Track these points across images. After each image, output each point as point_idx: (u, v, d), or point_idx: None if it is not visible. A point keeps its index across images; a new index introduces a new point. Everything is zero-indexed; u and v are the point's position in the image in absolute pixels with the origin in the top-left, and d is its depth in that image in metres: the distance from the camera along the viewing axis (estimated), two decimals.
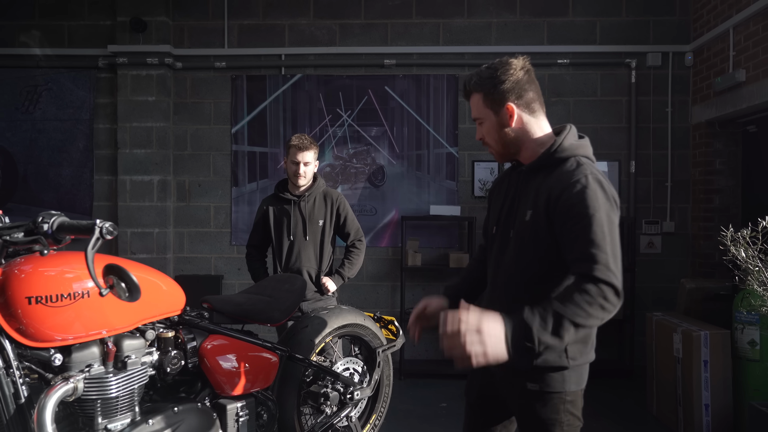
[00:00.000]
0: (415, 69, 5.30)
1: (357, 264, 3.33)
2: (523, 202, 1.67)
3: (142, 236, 5.23)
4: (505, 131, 1.68)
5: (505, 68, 1.67)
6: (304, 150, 3.15)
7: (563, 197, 1.54)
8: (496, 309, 1.52)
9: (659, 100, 5.14)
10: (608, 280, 1.45)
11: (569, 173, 1.57)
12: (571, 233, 1.51)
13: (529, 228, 1.62)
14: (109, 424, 1.71)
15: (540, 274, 1.61)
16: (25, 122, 5.39)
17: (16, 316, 1.55)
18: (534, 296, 1.51)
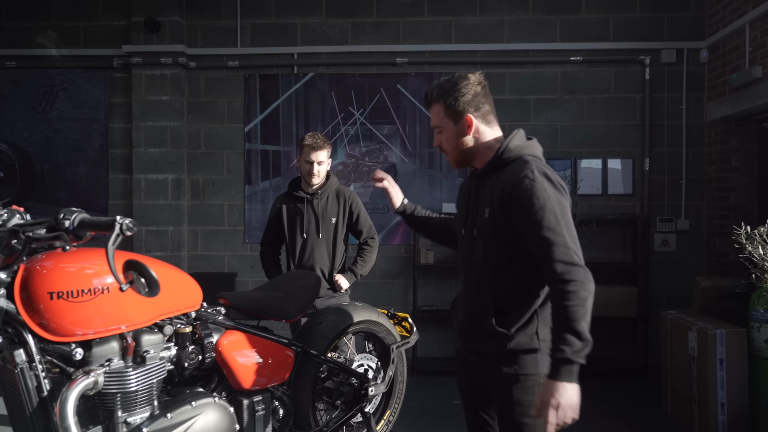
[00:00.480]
0: (427, 67, 5.30)
1: (370, 261, 3.34)
2: (481, 201, 1.82)
3: (156, 234, 5.28)
4: (463, 140, 1.83)
5: (465, 82, 1.82)
6: (318, 149, 3.16)
7: (515, 192, 1.70)
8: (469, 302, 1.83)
9: (674, 97, 5.10)
10: (570, 260, 1.62)
11: (517, 170, 1.73)
12: (527, 224, 1.68)
13: (489, 224, 1.77)
14: (129, 417, 1.74)
15: (505, 262, 1.77)
16: (42, 122, 5.46)
17: (39, 311, 1.58)
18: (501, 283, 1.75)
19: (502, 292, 1.76)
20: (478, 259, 1.81)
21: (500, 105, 5.14)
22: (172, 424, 1.80)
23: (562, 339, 1.59)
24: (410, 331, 2.77)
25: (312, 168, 3.17)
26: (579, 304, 1.59)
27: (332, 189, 3.31)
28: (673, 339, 3.96)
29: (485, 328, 1.77)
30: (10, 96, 5.47)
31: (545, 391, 1.61)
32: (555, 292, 1.64)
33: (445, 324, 5.25)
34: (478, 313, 1.80)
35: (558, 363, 1.59)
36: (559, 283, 1.62)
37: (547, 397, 1.59)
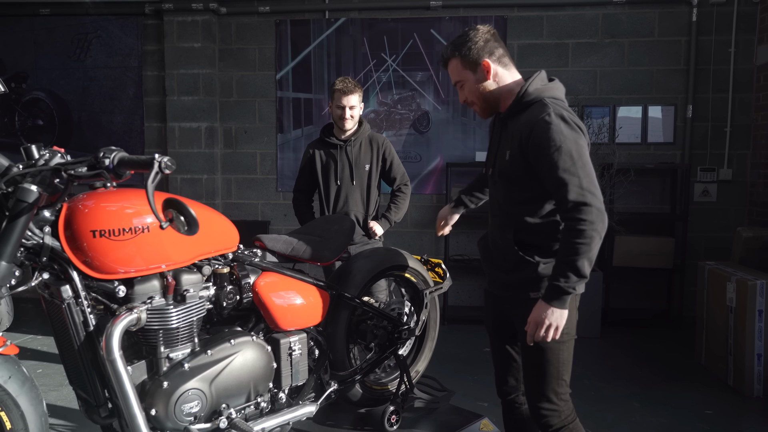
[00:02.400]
0: (462, 11, 5.14)
1: (403, 208, 3.34)
2: (503, 144, 1.91)
3: (191, 182, 5.35)
4: (485, 86, 1.90)
5: (474, 32, 1.90)
6: (349, 94, 3.12)
7: (532, 135, 1.76)
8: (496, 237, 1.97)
9: (722, 40, 4.86)
10: (584, 201, 1.70)
11: (535, 114, 1.79)
12: (545, 165, 1.75)
13: (509, 166, 1.87)
14: (171, 353, 1.79)
15: (525, 201, 1.87)
16: (78, 70, 5.51)
17: (82, 249, 1.62)
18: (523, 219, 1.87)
19: (525, 228, 1.88)
20: (500, 199, 1.95)
21: (537, 50, 5.03)
22: (212, 360, 1.85)
23: (561, 271, 1.73)
24: (443, 277, 2.77)
25: (344, 113, 3.14)
26: (585, 242, 1.69)
27: (365, 135, 3.27)
28: (711, 290, 3.90)
29: (512, 259, 1.90)
30: (45, 44, 5.52)
31: (537, 309, 1.78)
32: (565, 228, 1.75)
33: (476, 273, 5.26)
34: (505, 246, 1.92)
35: (552, 289, 1.75)
36: (569, 221, 1.72)
37: (537, 315, 1.77)
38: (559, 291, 1.73)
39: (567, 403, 1.93)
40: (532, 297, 1.84)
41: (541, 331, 1.77)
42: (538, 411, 1.92)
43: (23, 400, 1.58)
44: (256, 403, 1.99)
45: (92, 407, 1.74)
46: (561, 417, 1.91)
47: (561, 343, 1.87)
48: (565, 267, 1.72)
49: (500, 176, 1.91)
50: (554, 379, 1.89)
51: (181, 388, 1.76)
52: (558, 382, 1.90)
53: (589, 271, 1.73)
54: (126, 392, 1.63)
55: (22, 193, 1.50)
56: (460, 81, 1.94)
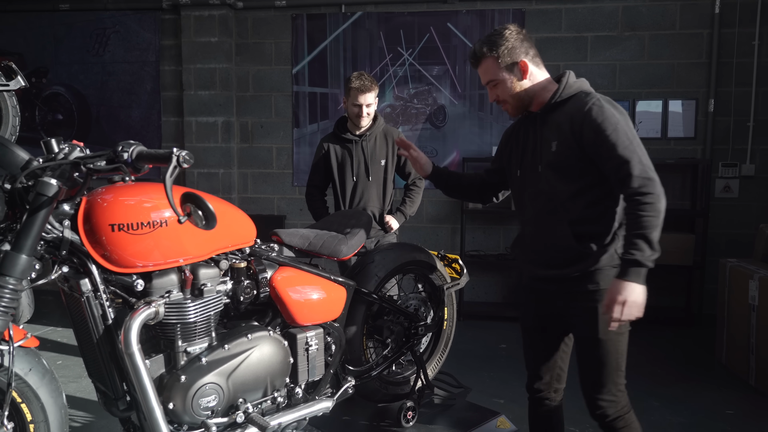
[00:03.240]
0: (479, 4, 5.09)
1: (417, 202, 3.33)
2: (546, 137, 1.91)
3: (208, 177, 5.38)
4: (521, 85, 1.91)
5: (509, 32, 1.91)
6: (366, 92, 3.06)
7: (586, 121, 1.80)
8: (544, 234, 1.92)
9: (745, 32, 4.76)
10: (648, 175, 1.74)
11: (582, 101, 1.84)
12: (603, 147, 1.78)
13: (557, 155, 1.87)
14: (189, 347, 1.80)
15: (578, 190, 1.86)
16: (96, 65, 5.55)
17: (101, 243, 1.62)
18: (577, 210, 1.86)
19: (580, 219, 1.87)
20: (549, 192, 1.90)
21: (555, 43, 4.97)
22: (229, 355, 1.86)
23: (634, 244, 1.72)
24: (460, 273, 2.75)
25: (360, 111, 3.09)
26: (654, 214, 1.71)
27: (379, 130, 3.23)
28: (732, 287, 3.83)
29: (568, 253, 1.88)
30: (65, 38, 5.57)
31: (614, 288, 1.75)
32: (632, 204, 1.75)
33: (492, 269, 5.23)
34: (558, 241, 1.89)
35: (628, 264, 1.73)
36: (636, 195, 1.73)
37: (616, 294, 1.73)
38: (637, 265, 1.72)
39: (624, 394, 1.94)
40: (591, 289, 1.86)
41: (624, 310, 1.73)
42: (595, 402, 1.92)
43: (43, 392, 1.59)
44: (272, 397, 1.99)
45: (111, 400, 1.75)
46: (618, 407, 1.92)
47: (620, 335, 1.87)
48: (639, 241, 1.72)
49: (549, 168, 1.89)
50: (614, 371, 1.90)
51: (198, 383, 1.77)
52: (617, 373, 1.91)
53: (658, 245, 1.73)
54: (144, 386, 1.64)
55: (42, 186, 1.51)
56: (493, 80, 1.93)
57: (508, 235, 5.25)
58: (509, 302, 5.29)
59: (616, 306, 1.73)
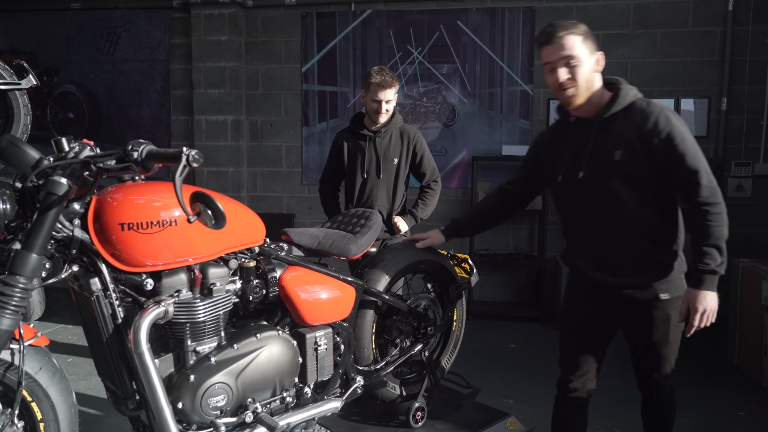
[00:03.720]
0: (490, 2, 5.06)
1: (431, 205, 3.22)
2: (605, 146, 1.91)
3: (217, 175, 5.39)
4: (593, 74, 1.91)
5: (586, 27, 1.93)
6: (387, 88, 2.98)
7: (654, 131, 1.83)
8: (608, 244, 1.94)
9: (759, 30, 4.70)
10: (714, 186, 1.82)
11: (647, 110, 1.86)
12: (674, 157, 1.82)
13: (623, 164, 1.87)
14: (198, 346, 1.79)
15: (644, 199, 1.89)
16: (107, 63, 5.57)
17: (111, 242, 1.62)
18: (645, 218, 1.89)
19: (651, 226, 1.91)
20: (615, 200, 1.91)
21: None
22: (238, 355, 1.85)
23: (707, 253, 1.81)
24: (470, 273, 2.74)
25: (380, 107, 3.01)
26: (722, 224, 1.81)
27: (396, 127, 3.15)
28: (745, 288, 3.79)
29: (641, 259, 1.92)
30: (76, 38, 5.59)
31: (692, 298, 1.83)
32: (699, 214, 1.82)
33: (501, 269, 5.21)
34: (629, 249, 1.93)
35: (703, 273, 1.81)
36: (705, 206, 1.81)
37: (695, 304, 1.82)
38: (711, 274, 1.81)
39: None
40: (663, 298, 1.93)
41: (702, 318, 1.83)
42: (656, 383, 2.07)
43: (53, 391, 1.59)
44: (281, 397, 1.99)
45: (120, 399, 1.75)
46: (670, 383, 2.09)
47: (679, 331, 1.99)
48: (711, 250, 1.80)
49: (615, 177, 1.89)
50: (673, 357, 2.04)
51: (207, 382, 1.76)
52: (674, 359, 2.05)
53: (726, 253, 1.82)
54: (153, 385, 1.64)
55: (53, 185, 1.51)
56: (573, 58, 1.87)
57: (517, 235, 5.22)
58: (518, 302, 5.26)
59: (697, 315, 1.82)
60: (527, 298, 5.27)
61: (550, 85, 1.95)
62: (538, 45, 1.96)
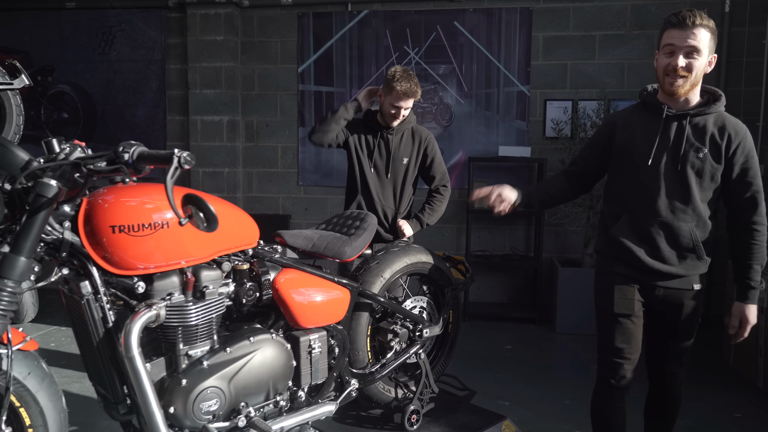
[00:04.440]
0: (487, 2, 5.05)
1: (439, 211, 3.08)
2: (694, 141, 2.00)
3: (213, 176, 5.36)
4: (702, 72, 1.98)
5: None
6: (411, 97, 2.85)
7: (741, 144, 1.98)
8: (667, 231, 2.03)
9: (755, 31, 4.70)
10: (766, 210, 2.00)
11: (737, 123, 2.01)
12: (749, 170, 1.98)
13: (704, 162, 1.98)
14: (190, 350, 1.77)
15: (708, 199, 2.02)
16: (102, 63, 5.55)
17: (102, 244, 1.60)
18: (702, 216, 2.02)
19: (703, 224, 2.03)
20: (684, 193, 2.02)
21: (563, 42, 4.93)
22: (231, 358, 1.83)
23: (753, 270, 2.01)
24: (466, 274, 2.72)
25: (398, 113, 2.89)
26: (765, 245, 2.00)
27: (408, 127, 3.03)
28: None
29: (683, 252, 2.04)
30: (71, 37, 5.57)
31: (740, 311, 2.05)
32: (750, 232, 2.00)
33: (498, 270, 5.20)
34: (682, 241, 2.03)
35: (749, 289, 2.02)
36: (757, 225, 1.99)
37: (746, 316, 2.04)
38: (755, 291, 2.02)
39: None
40: (696, 288, 2.09)
41: (748, 329, 2.06)
42: (674, 373, 2.21)
43: (42, 396, 1.57)
44: (275, 401, 1.96)
45: (111, 404, 1.73)
46: (681, 377, 2.24)
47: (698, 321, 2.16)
48: (757, 267, 2.00)
49: (693, 171, 2.00)
50: (689, 350, 2.20)
51: (199, 386, 1.74)
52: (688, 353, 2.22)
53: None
54: (144, 389, 1.62)
55: (42, 187, 1.49)
56: (698, 50, 1.93)
57: (513, 236, 5.21)
58: (515, 303, 5.25)
59: (748, 326, 2.05)
60: (523, 299, 5.26)
61: (662, 66, 1.99)
62: (668, 24, 1.97)
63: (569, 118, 4.95)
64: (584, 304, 4.55)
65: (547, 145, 5.06)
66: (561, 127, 4.95)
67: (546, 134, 5.06)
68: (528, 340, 4.52)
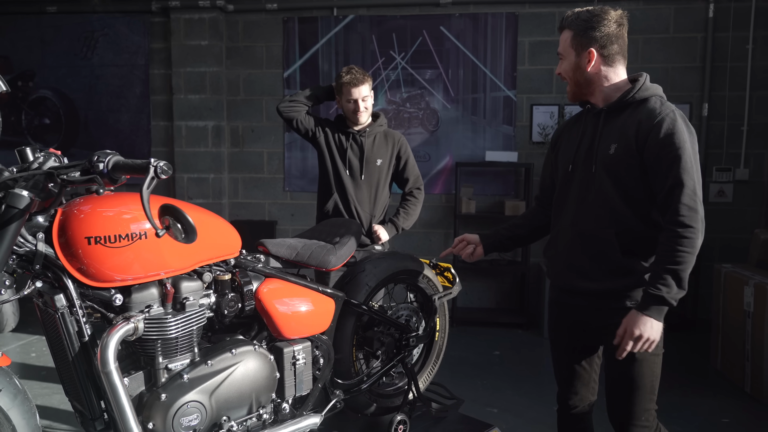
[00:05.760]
0: (472, 7, 5.05)
1: (413, 214, 3.10)
2: (605, 138, 1.81)
3: (198, 182, 5.30)
4: (581, 72, 1.83)
5: (600, 17, 1.79)
6: (359, 84, 2.89)
7: (654, 131, 1.70)
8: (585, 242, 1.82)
9: (739, 36, 4.73)
10: (695, 207, 1.65)
11: (656, 109, 1.73)
12: (663, 162, 1.68)
13: (614, 160, 1.77)
14: (170, 363, 1.73)
15: (629, 200, 1.76)
16: (84, 68, 5.47)
17: (77, 256, 1.56)
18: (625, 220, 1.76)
19: (627, 230, 1.77)
20: (598, 197, 1.80)
21: (549, 47, 4.93)
22: (212, 371, 1.79)
23: (662, 278, 1.64)
24: (452, 282, 2.69)
25: (357, 106, 2.91)
26: (689, 251, 1.63)
27: (380, 130, 3.04)
28: (727, 293, 3.80)
29: (609, 265, 1.79)
30: (52, 42, 5.49)
31: (632, 321, 1.68)
32: (670, 233, 1.66)
33: (485, 275, 5.18)
34: (600, 251, 1.80)
35: (651, 298, 1.66)
36: (677, 226, 1.64)
37: (633, 328, 1.67)
38: (660, 301, 1.65)
39: (654, 418, 1.86)
40: (629, 306, 1.75)
41: (637, 345, 1.68)
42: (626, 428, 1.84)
43: (15, 413, 1.52)
44: (258, 414, 1.92)
45: (88, 420, 1.68)
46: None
47: (656, 356, 1.80)
48: (668, 275, 1.63)
49: (604, 170, 1.78)
50: (647, 395, 1.81)
51: (180, 401, 1.70)
52: (650, 398, 1.82)
53: (687, 284, 1.65)
54: (122, 405, 1.57)
55: (13, 198, 1.44)
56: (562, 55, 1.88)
57: None
58: (503, 308, 5.24)
59: (631, 341, 1.67)
60: (511, 304, 5.24)
61: None
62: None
63: (556, 122, 4.95)
64: None
65: (534, 149, 5.05)
66: (548, 132, 4.94)
67: (533, 139, 5.06)
68: (516, 346, 4.50)
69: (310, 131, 3.02)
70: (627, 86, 1.81)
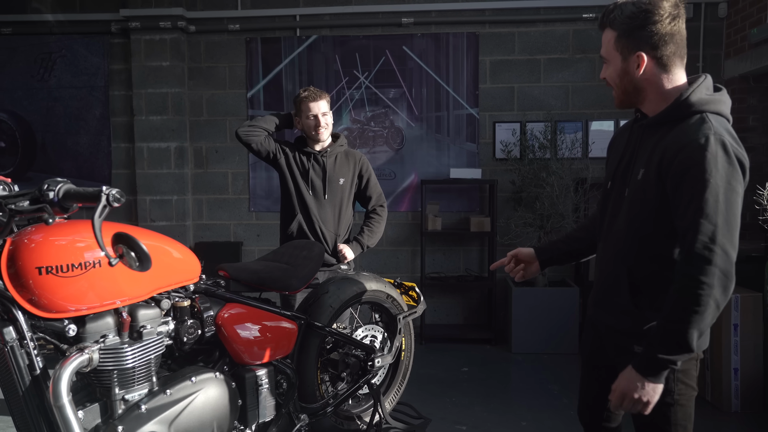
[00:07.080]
0: (434, 27, 5.12)
1: (378, 232, 3.12)
2: (639, 158, 1.57)
3: (161, 204, 5.22)
4: (628, 78, 1.56)
5: (650, 13, 1.49)
6: (318, 99, 2.94)
7: (679, 157, 1.43)
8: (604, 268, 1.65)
9: (690, 54, 4.85)
10: (708, 257, 1.38)
11: (690, 131, 1.45)
12: (682, 199, 1.43)
13: (639, 188, 1.53)
14: (127, 394, 1.69)
15: (648, 235, 1.54)
16: (41, 90, 5.36)
17: (28, 287, 1.51)
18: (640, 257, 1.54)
19: (640, 267, 1.56)
20: (620, 224, 1.61)
21: (509, 66, 5.03)
22: (171, 401, 1.75)
23: (664, 338, 1.43)
24: (417, 301, 2.70)
25: (318, 121, 2.93)
26: (698, 309, 1.37)
27: (341, 150, 3.07)
28: None
29: (618, 301, 1.61)
30: (7, 64, 5.36)
31: (626, 378, 1.49)
32: (678, 285, 1.42)
33: (453, 291, 5.20)
34: (612, 285, 1.63)
35: (649, 359, 1.45)
36: (685, 277, 1.40)
37: (626, 386, 1.48)
38: (658, 364, 1.43)
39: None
40: (636, 351, 1.53)
41: (629, 405, 1.48)
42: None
43: None
44: None
45: None
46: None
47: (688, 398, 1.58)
48: (669, 334, 1.41)
49: (631, 196, 1.56)
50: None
51: None
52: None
53: (696, 344, 1.40)
54: None
55: None
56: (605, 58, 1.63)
57: (467, 257, 5.23)
58: (471, 324, 5.26)
59: (626, 402, 1.48)
60: (479, 320, 5.27)
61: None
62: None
63: (518, 139, 5.03)
64: (539, 324, 4.61)
65: (498, 166, 5.12)
66: (510, 149, 5.02)
67: (496, 156, 5.13)
68: (484, 361, 4.52)
69: (270, 153, 3.02)
70: (677, 94, 1.52)
